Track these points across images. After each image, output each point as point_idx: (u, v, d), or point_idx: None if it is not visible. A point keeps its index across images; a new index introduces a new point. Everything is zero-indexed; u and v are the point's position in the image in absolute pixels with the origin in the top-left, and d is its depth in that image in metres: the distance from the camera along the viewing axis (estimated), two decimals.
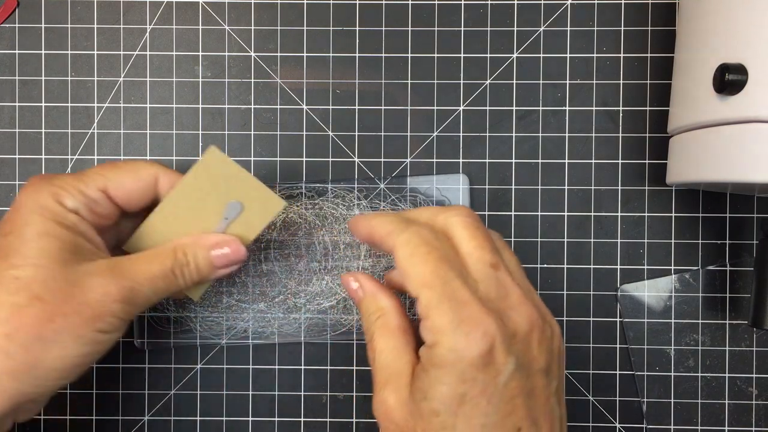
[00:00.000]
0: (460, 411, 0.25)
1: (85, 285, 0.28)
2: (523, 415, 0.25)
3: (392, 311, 0.29)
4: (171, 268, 0.31)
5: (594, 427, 0.38)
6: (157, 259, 0.31)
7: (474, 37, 0.38)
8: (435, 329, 0.25)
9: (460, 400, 0.25)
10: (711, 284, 0.38)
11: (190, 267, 0.31)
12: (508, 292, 0.27)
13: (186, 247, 0.31)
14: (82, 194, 0.30)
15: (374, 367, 0.28)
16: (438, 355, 0.25)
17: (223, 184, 0.32)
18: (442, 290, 0.25)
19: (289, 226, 0.38)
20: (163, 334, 0.38)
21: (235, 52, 0.39)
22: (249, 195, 0.33)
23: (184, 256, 0.31)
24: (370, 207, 0.38)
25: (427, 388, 0.25)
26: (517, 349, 0.26)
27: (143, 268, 0.30)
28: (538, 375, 0.26)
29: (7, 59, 0.39)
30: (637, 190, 0.38)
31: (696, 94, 0.31)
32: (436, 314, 0.25)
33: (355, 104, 0.39)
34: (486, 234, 0.28)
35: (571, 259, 0.38)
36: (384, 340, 0.28)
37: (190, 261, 0.31)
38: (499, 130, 0.39)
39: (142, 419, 0.39)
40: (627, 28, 0.38)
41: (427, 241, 0.27)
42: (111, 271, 0.29)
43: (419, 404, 0.25)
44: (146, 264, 0.30)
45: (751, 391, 0.38)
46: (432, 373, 0.25)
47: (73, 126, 0.39)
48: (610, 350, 0.39)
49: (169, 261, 0.31)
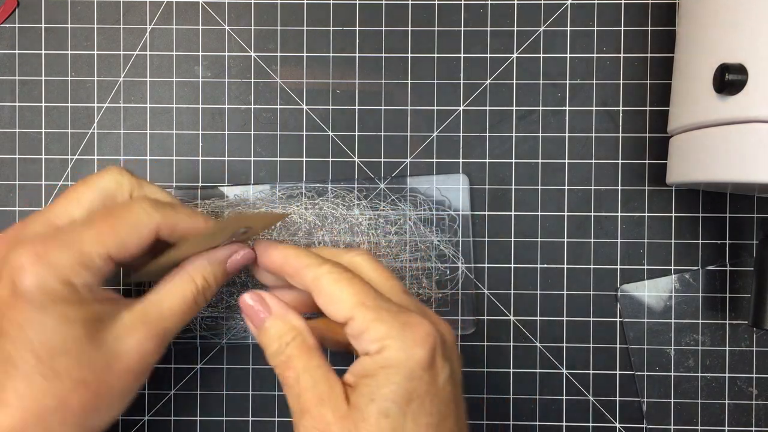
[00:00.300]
0: (408, 410, 0.26)
1: (121, 351, 0.28)
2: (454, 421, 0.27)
3: (306, 330, 0.29)
4: (194, 299, 0.30)
5: (594, 427, 0.38)
6: (179, 294, 0.30)
7: (474, 37, 0.38)
8: (379, 337, 0.26)
9: (408, 398, 0.26)
10: (711, 284, 0.38)
11: (211, 289, 0.31)
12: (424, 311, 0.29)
13: (205, 271, 0.31)
14: (87, 269, 0.28)
15: (297, 389, 0.27)
16: (387, 358, 0.26)
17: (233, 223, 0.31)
18: (376, 305, 0.27)
19: (289, 226, 0.38)
20: None
21: (235, 52, 0.39)
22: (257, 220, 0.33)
23: (204, 281, 0.31)
24: (370, 207, 0.38)
25: (375, 391, 0.26)
26: (448, 356, 0.27)
27: (168, 309, 0.30)
28: (459, 386, 0.28)
29: (7, 59, 0.39)
30: (637, 190, 0.38)
31: (696, 94, 0.31)
32: (378, 325, 0.26)
33: (355, 104, 0.39)
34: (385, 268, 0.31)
35: (571, 259, 0.38)
36: (305, 360, 0.28)
37: (211, 283, 0.31)
38: (499, 130, 0.39)
39: (142, 419, 0.39)
40: (627, 28, 0.38)
41: (348, 271, 0.29)
42: (141, 326, 0.29)
43: (365, 410, 0.26)
44: (169, 302, 0.30)
45: (751, 391, 0.38)
46: (380, 376, 0.26)
47: (73, 126, 0.39)
48: (610, 350, 0.39)
49: (190, 292, 0.30)
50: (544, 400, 0.38)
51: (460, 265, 0.38)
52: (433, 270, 0.38)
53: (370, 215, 0.38)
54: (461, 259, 0.38)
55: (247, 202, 0.38)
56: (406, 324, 0.27)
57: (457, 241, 0.38)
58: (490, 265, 0.39)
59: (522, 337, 0.39)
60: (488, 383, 0.39)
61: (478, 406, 0.38)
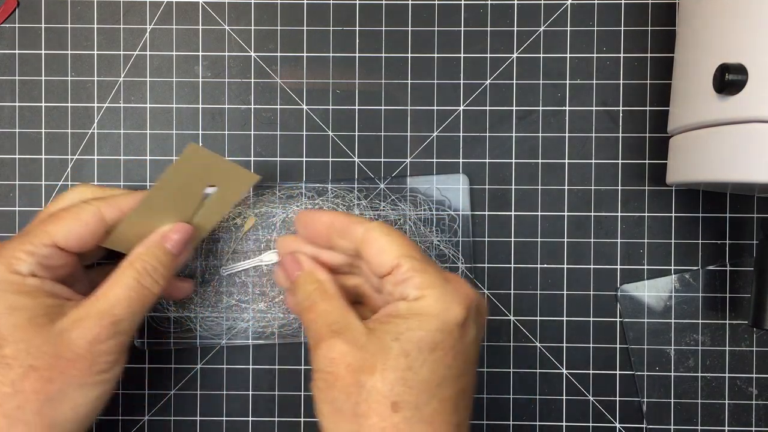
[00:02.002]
0: (429, 357, 0.27)
1: (70, 339, 0.29)
2: (470, 379, 0.29)
3: (329, 281, 0.31)
4: (138, 282, 0.31)
5: (594, 427, 0.38)
6: (120, 281, 0.31)
7: (474, 37, 0.38)
8: (422, 285, 0.28)
9: (433, 348, 0.27)
10: (711, 284, 0.38)
11: (157, 270, 0.32)
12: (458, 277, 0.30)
13: (141, 256, 0.32)
14: (32, 255, 0.30)
15: (316, 326, 0.29)
16: (424, 306, 0.28)
17: (201, 173, 0.33)
18: (423, 258, 0.29)
19: (290, 226, 0.38)
20: (163, 334, 0.38)
21: (235, 52, 0.39)
22: (225, 176, 0.34)
23: (144, 263, 0.32)
24: (370, 207, 0.38)
25: (404, 331, 0.27)
26: (478, 323, 0.29)
27: (113, 296, 0.31)
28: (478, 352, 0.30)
29: (7, 59, 0.39)
30: (637, 190, 0.38)
31: (696, 94, 0.31)
32: (423, 275, 0.28)
33: (355, 104, 0.39)
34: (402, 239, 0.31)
35: (571, 259, 0.38)
36: (327, 303, 0.30)
37: (154, 264, 0.32)
38: (499, 130, 0.39)
39: (142, 419, 0.39)
40: (627, 28, 0.38)
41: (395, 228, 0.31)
42: (87, 316, 0.30)
43: (388, 343, 0.27)
44: (113, 291, 0.31)
45: (751, 391, 0.38)
46: (412, 320, 0.27)
47: (73, 126, 0.39)
48: (610, 350, 0.39)
49: (131, 277, 0.31)
50: (544, 400, 0.38)
51: (460, 264, 0.38)
52: None
53: (370, 215, 0.38)
54: (461, 259, 0.38)
55: (247, 202, 0.38)
56: (449, 281, 0.29)
57: (457, 241, 0.38)
58: (490, 265, 0.39)
59: (522, 337, 0.39)
60: (488, 383, 0.39)
61: (478, 406, 0.38)
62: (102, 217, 0.32)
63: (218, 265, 0.38)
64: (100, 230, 0.32)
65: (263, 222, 0.38)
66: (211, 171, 0.34)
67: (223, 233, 0.38)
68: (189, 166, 0.33)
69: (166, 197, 0.33)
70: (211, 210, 0.35)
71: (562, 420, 0.38)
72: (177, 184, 0.33)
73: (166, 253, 0.33)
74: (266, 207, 0.38)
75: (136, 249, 0.33)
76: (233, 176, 0.34)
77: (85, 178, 0.38)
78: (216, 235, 0.38)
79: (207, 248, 0.38)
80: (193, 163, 0.33)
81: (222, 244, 0.38)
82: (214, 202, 0.35)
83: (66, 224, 0.31)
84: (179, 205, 0.34)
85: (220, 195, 0.34)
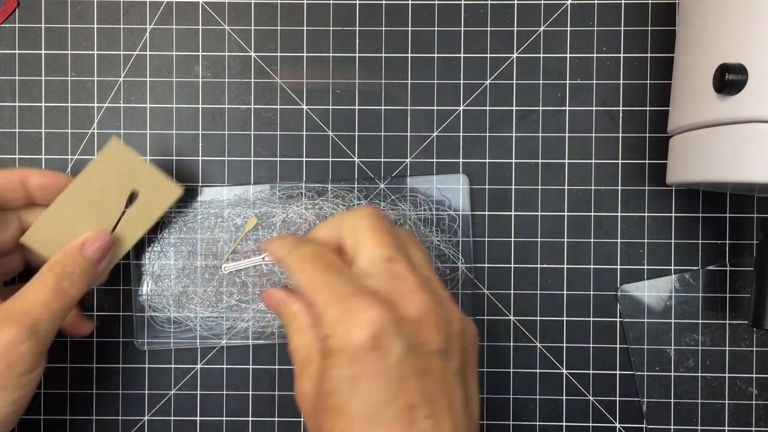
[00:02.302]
0: (354, 390, 0.27)
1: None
2: (417, 393, 0.27)
3: (302, 313, 0.31)
4: (56, 285, 0.32)
5: (594, 427, 0.38)
6: (40, 285, 0.32)
7: (474, 37, 0.38)
8: (329, 323, 0.28)
9: (354, 381, 0.27)
10: (711, 284, 0.38)
11: (75, 274, 0.33)
12: (402, 282, 0.29)
13: (60, 261, 0.33)
14: None
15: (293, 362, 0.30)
16: (331, 345, 0.28)
17: (124, 174, 0.34)
18: (329, 291, 0.29)
19: (290, 226, 0.38)
20: (163, 334, 0.38)
21: (235, 52, 0.39)
22: (149, 184, 0.35)
23: (63, 267, 0.33)
24: None
25: (325, 372, 0.28)
26: (407, 332, 0.28)
27: (32, 298, 0.31)
28: (433, 356, 0.28)
29: (7, 59, 0.39)
30: (637, 190, 0.38)
31: (696, 94, 0.31)
32: (328, 311, 0.28)
33: (355, 104, 0.39)
34: (386, 231, 0.30)
35: (571, 259, 0.38)
36: (298, 337, 0.31)
37: (72, 269, 0.33)
38: (499, 130, 0.39)
39: (142, 419, 0.39)
40: (627, 28, 0.38)
41: (314, 254, 0.30)
42: (6, 317, 0.30)
43: (322, 386, 0.28)
44: (33, 294, 0.31)
45: (751, 391, 0.38)
46: (329, 360, 0.28)
47: (73, 126, 0.39)
48: (610, 350, 0.39)
49: (50, 280, 0.32)
50: (544, 400, 0.38)
51: (460, 264, 0.38)
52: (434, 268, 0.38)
53: None
54: (461, 259, 0.38)
55: (247, 202, 0.38)
56: (349, 312, 0.28)
57: (457, 241, 0.38)
58: (490, 265, 0.39)
59: (522, 337, 0.39)
60: (488, 383, 0.39)
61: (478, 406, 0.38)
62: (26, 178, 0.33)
63: (218, 266, 0.38)
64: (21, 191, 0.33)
65: (263, 222, 0.38)
66: (135, 174, 0.34)
67: (223, 233, 0.38)
68: (112, 163, 0.34)
69: (87, 197, 0.34)
70: (134, 221, 0.35)
71: (562, 420, 0.38)
72: (98, 182, 0.34)
73: (85, 258, 0.34)
74: (266, 207, 0.38)
75: (56, 255, 0.33)
76: (156, 185, 0.35)
77: None
78: (216, 235, 0.38)
79: (207, 248, 0.38)
80: (116, 160, 0.34)
81: (222, 244, 0.38)
82: (137, 213, 0.35)
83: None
84: (100, 209, 0.34)
85: (143, 205, 0.35)
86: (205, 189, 0.38)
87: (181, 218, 0.38)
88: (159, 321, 0.38)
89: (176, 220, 0.38)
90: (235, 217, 0.38)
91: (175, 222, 0.38)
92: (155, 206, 0.35)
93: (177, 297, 0.38)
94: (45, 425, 0.39)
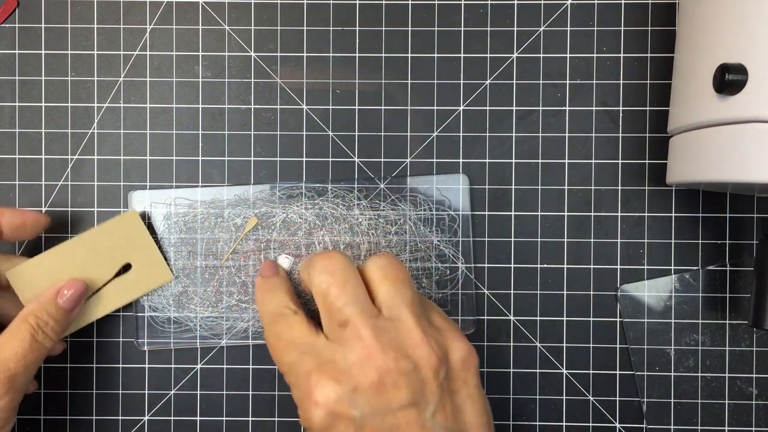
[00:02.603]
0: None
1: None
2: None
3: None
4: (32, 337, 0.32)
5: (594, 427, 0.38)
6: (15, 337, 0.32)
7: (474, 37, 0.38)
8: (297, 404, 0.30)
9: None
10: (711, 284, 0.38)
11: (48, 325, 0.33)
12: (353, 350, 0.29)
13: (35, 311, 0.33)
14: None
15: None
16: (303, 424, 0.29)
17: (127, 245, 0.36)
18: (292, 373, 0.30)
19: (289, 226, 0.38)
20: (163, 335, 0.38)
21: (235, 52, 0.39)
22: (145, 261, 0.36)
23: (37, 319, 0.33)
24: (370, 207, 0.38)
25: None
26: (364, 401, 0.28)
27: (8, 353, 0.32)
28: (401, 411, 0.28)
29: (7, 59, 0.39)
30: (637, 190, 0.38)
31: (696, 94, 0.31)
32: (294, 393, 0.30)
33: (355, 104, 0.39)
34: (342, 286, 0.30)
35: (571, 259, 0.38)
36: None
37: (47, 320, 0.33)
38: (499, 130, 0.39)
39: (142, 419, 0.39)
40: (627, 28, 0.38)
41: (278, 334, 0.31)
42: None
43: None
44: (9, 348, 0.32)
45: (751, 391, 0.38)
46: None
47: (73, 126, 0.39)
48: (610, 350, 0.39)
49: (27, 332, 0.32)
50: (544, 400, 0.38)
51: (460, 264, 0.38)
52: (433, 270, 0.38)
53: (370, 215, 0.38)
54: (461, 259, 0.38)
55: (247, 202, 0.38)
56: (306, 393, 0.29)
57: (457, 241, 0.38)
58: (490, 265, 0.39)
59: (522, 337, 0.39)
60: (488, 383, 0.39)
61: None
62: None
63: (218, 266, 0.38)
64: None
65: (263, 222, 0.38)
66: (136, 247, 0.36)
67: (223, 233, 0.38)
68: (120, 230, 0.36)
69: (84, 254, 0.35)
70: (116, 291, 0.37)
71: (562, 420, 0.38)
72: (100, 244, 0.35)
73: (58, 308, 0.34)
74: (266, 207, 0.38)
75: (30, 305, 0.34)
76: (152, 264, 0.37)
77: (85, 177, 0.38)
78: (216, 235, 0.38)
79: (207, 249, 0.38)
80: (125, 229, 0.36)
81: (222, 244, 0.38)
82: (123, 285, 0.36)
83: None
84: (91, 269, 0.36)
85: (132, 279, 0.36)
86: (205, 189, 0.38)
87: (182, 218, 0.38)
88: (159, 321, 0.38)
89: (176, 220, 0.38)
90: (235, 217, 0.38)
91: (175, 222, 0.38)
92: (142, 284, 0.37)
93: (177, 297, 0.38)
94: (45, 425, 0.39)
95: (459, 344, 0.30)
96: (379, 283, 0.31)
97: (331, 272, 0.30)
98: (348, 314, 0.29)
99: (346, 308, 0.29)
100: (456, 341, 0.30)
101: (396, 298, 0.30)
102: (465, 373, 0.30)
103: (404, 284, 0.31)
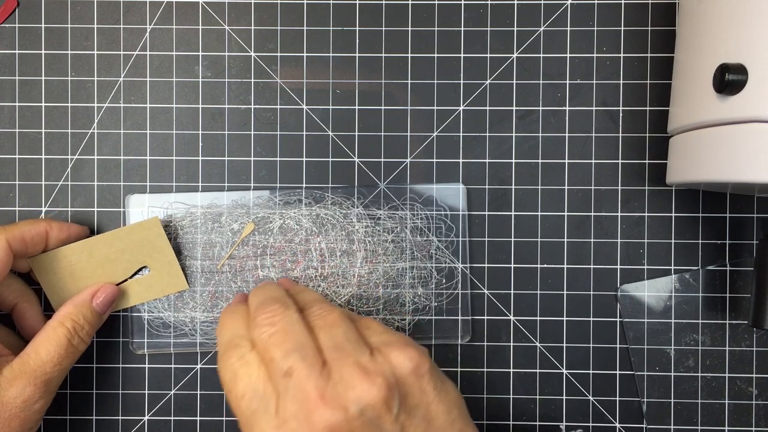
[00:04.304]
0: None
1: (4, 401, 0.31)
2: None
3: None
4: (69, 341, 0.33)
5: (594, 427, 0.38)
6: (53, 341, 0.33)
7: (474, 37, 0.38)
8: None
9: None
10: (711, 284, 0.38)
11: (84, 329, 0.34)
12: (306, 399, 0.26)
13: (71, 315, 0.34)
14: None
15: None
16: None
17: (147, 249, 0.36)
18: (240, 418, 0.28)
19: (286, 232, 0.38)
20: (158, 338, 0.38)
21: (235, 52, 0.39)
22: (163, 267, 0.37)
23: (74, 323, 0.34)
24: (367, 214, 0.38)
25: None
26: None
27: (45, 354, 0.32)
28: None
29: (7, 59, 0.39)
30: (637, 190, 0.38)
31: (696, 94, 0.31)
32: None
33: (355, 104, 0.39)
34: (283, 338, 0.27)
35: (571, 259, 0.38)
36: None
37: (83, 324, 0.34)
38: (499, 130, 0.39)
39: (142, 419, 0.39)
40: (627, 28, 0.38)
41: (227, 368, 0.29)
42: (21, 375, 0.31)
43: None
44: (45, 349, 0.32)
45: (751, 391, 0.38)
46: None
47: (73, 126, 0.39)
48: (610, 350, 0.39)
49: (64, 336, 0.33)
50: (544, 400, 0.38)
51: (459, 265, 0.38)
52: (431, 277, 0.38)
53: (367, 222, 0.38)
54: (458, 269, 0.38)
55: (245, 207, 0.38)
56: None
57: (455, 249, 0.38)
58: (490, 265, 0.39)
59: (522, 337, 0.39)
60: (488, 383, 0.39)
61: (478, 406, 0.38)
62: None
63: (214, 270, 0.38)
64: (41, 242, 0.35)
65: (260, 227, 0.38)
66: (156, 253, 0.37)
67: (220, 238, 0.38)
68: (142, 234, 0.36)
69: (105, 252, 0.36)
70: (135, 289, 0.37)
71: (562, 420, 0.38)
72: (122, 244, 0.36)
73: (93, 312, 0.35)
74: (264, 212, 0.38)
75: (65, 307, 0.34)
76: (168, 271, 0.37)
77: (85, 178, 0.38)
78: (213, 239, 0.38)
79: (203, 253, 0.38)
80: (147, 234, 0.36)
81: (219, 249, 0.38)
82: (138, 287, 0.37)
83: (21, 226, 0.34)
84: (110, 268, 0.36)
85: (149, 281, 0.37)
86: (203, 193, 0.38)
87: (179, 222, 0.38)
88: (155, 325, 0.38)
89: (173, 225, 0.38)
90: (233, 222, 0.38)
91: (173, 226, 0.38)
92: (157, 288, 0.37)
93: (173, 301, 0.38)
94: (45, 425, 0.39)
95: (404, 355, 0.27)
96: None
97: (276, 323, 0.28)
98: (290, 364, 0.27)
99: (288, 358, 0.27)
100: (400, 353, 0.27)
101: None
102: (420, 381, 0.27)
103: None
